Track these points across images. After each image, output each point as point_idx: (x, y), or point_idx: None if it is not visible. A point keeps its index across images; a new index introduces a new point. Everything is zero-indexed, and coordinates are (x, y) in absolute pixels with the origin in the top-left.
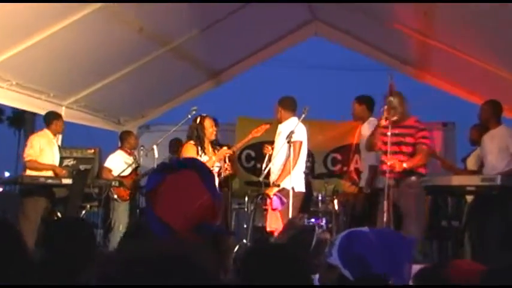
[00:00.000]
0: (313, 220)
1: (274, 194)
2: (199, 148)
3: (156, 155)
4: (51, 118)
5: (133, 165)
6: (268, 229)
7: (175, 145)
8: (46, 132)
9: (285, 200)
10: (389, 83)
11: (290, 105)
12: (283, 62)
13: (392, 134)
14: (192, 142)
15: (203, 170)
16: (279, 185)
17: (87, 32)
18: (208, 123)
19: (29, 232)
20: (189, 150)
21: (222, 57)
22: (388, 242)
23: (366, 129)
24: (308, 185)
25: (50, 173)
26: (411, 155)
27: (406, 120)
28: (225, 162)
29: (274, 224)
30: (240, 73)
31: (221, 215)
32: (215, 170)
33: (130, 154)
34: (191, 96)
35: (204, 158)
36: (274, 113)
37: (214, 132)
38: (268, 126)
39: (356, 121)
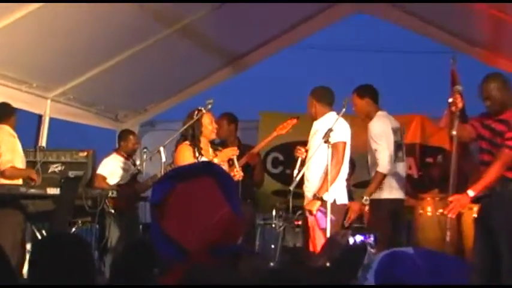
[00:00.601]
0: (358, 237)
1: (319, 210)
2: (196, 149)
3: (164, 159)
4: (8, 110)
5: (132, 171)
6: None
7: None
8: (7, 128)
9: (333, 216)
10: (452, 68)
11: (326, 97)
12: (316, 45)
13: (486, 127)
14: (187, 142)
15: (222, 176)
16: (321, 199)
17: (76, 7)
18: (207, 120)
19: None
20: (184, 153)
21: (241, 40)
22: (437, 267)
23: (377, 127)
24: (349, 194)
25: (20, 181)
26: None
27: (504, 113)
28: (230, 165)
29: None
30: (263, 59)
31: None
32: None
33: (127, 158)
34: (205, 87)
35: (203, 158)
36: (307, 108)
37: (215, 131)
38: (295, 121)
39: (363, 119)
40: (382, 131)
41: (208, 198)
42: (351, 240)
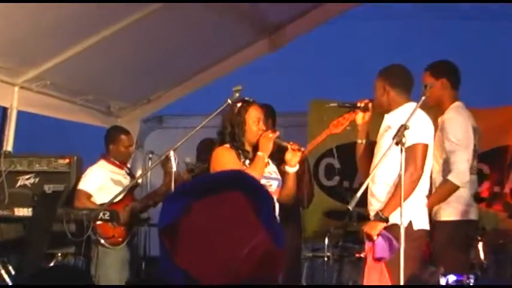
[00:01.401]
0: (452, 277)
1: (380, 234)
2: (241, 153)
3: (174, 167)
4: None
5: (127, 185)
6: None
7: (208, 149)
8: None
9: (396, 244)
10: None
11: (403, 81)
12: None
13: None
14: (227, 145)
15: (255, 191)
16: (387, 219)
17: None
18: (254, 114)
19: None
20: (225, 158)
21: (279, 6)
22: None
23: (457, 122)
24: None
25: None
26: None
27: None
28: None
29: (377, 283)
30: (309, 30)
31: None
32: (272, 187)
33: (120, 167)
34: (230, 69)
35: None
36: (374, 96)
37: (260, 132)
38: (355, 115)
39: (431, 107)
40: (463, 128)
41: (236, 220)
42: (442, 281)
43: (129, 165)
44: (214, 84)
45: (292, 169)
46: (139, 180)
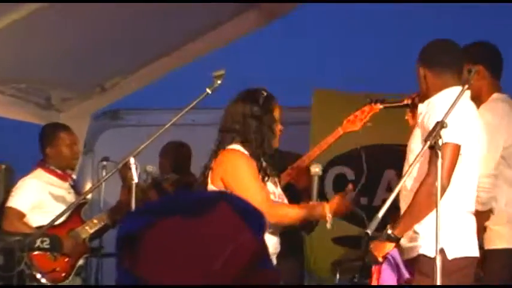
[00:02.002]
0: None
1: (386, 258)
2: (261, 166)
3: (136, 179)
4: None
5: (72, 201)
6: None
7: (176, 156)
8: None
9: (405, 274)
10: None
11: (443, 59)
12: None
13: None
14: (241, 149)
15: (246, 210)
16: (397, 239)
17: None
18: (278, 114)
19: None
20: (250, 171)
21: None
22: None
23: (494, 117)
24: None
25: None
26: None
27: None
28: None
29: None
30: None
31: None
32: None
33: (62, 177)
34: (209, 50)
35: (270, 188)
36: (417, 79)
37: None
38: (378, 109)
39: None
40: (500, 124)
41: (218, 223)
42: None
43: (74, 176)
44: (188, 69)
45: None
46: (89, 196)
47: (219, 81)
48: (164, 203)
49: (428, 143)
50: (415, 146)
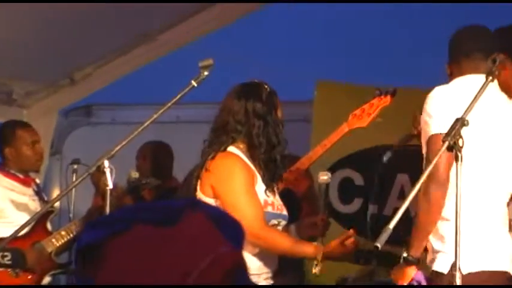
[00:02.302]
0: None
1: (411, 282)
2: (263, 171)
3: (110, 184)
4: None
5: (33, 207)
6: None
7: (157, 156)
8: None
9: None
10: None
11: (466, 45)
12: None
13: None
14: (240, 154)
15: (221, 217)
16: (417, 261)
17: None
18: (281, 112)
19: None
20: (237, 179)
21: None
22: None
23: None
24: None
25: None
26: None
27: None
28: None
29: None
30: None
31: None
32: (281, 226)
33: (26, 182)
34: (196, 35)
35: (270, 199)
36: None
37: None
38: (388, 100)
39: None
40: None
41: (195, 235)
42: None
43: (38, 181)
44: (171, 58)
45: None
46: (57, 204)
47: (206, 72)
48: (128, 211)
49: (447, 143)
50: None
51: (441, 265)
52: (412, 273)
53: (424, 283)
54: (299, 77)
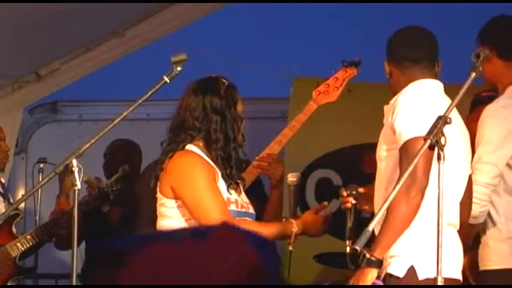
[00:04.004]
0: None
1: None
2: (222, 168)
3: (79, 184)
4: None
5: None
6: None
7: (125, 156)
8: None
9: None
10: None
11: (410, 49)
12: None
13: None
14: (198, 151)
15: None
16: (379, 263)
17: None
18: (241, 107)
19: None
20: (198, 177)
21: None
22: None
23: (487, 120)
24: None
25: None
26: None
27: None
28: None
29: None
30: None
31: None
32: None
33: None
34: (168, 30)
35: (233, 197)
36: (384, 74)
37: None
38: (354, 73)
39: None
40: (499, 127)
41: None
42: None
43: (3, 180)
44: (142, 53)
45: None
46: (22, 205)
47: (179, 68)
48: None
49: (429, 141)
50: (384, 152)
51: (397, 269)
52: (373, 277)
53: None
54: (277, 74)
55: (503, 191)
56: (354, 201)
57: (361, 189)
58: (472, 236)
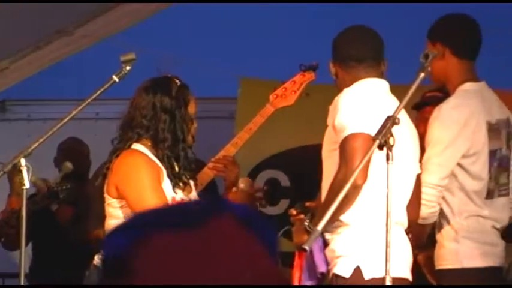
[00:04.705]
0: None
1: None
2: (168, 167)
3: (27, 184)
4: None
5: None
6: None
7: (73, 156)
8: None
9: (320, 266)
10: None
11: (356, 50)
12: None
13: None
14: (144, 150)
15: (250, 216)
16: (318, 232)
17: None
18: (193, 109)
19: None
20: (140, 175)
21: None
22: None
23: (438, 119)
24: None
25: None
26: None
27: None
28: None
29: None
30: None
31: None
32: None
33: None
34: (118, 28)
35: (178, 196)
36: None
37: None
38: (311, 77)
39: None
40: (448, 125)
41: (226, 249)
42: None
43: None
44: (91, 52)
45: None
46: None
47: (128, 67)
48: (142, 218)
49: (377, 141)
50: (327, 153)
51: (343, 269)
52: (312, 239)
53: (315, 251)
54: (225, 74)
55: (458, 190)
56: (304, 216)
57: (308, 204)
58: (425, 235)
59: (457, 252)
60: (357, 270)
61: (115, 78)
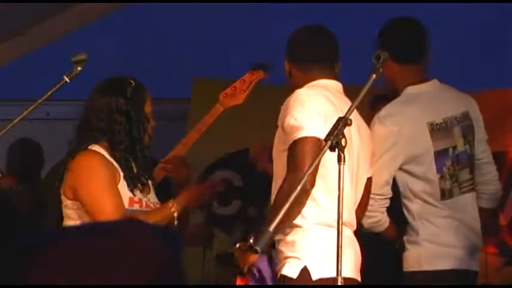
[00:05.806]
0: None
1: (250, 270)
2: (126, 169)
3: None
4: None
5: None
6: None
7: (24, 156)
8: None
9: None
10: None
11: (310, 51)
12: None
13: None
14: (101, 151)
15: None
16: (256, 251)
17: None
18: (150, 107)
19: None
20: (95, 175)
21: None
22: None
23: (374, 127)
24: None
25: None
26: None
27: None
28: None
29: None
30: None
31: None
32: None
33: None
34: (68, 29)
35: (137, 197)
36: (284, 73)
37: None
38: (260, 76)
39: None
40: (397, 138)
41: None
42: None
43: None
44: (42, 52)
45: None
46: None
47: (79, 68)
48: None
49: (329, 143)
50: (277, 154)
51: (290, 270)
52: (253, 259)
53: (265, 273)
54: (178, 74)
55: (412, 196)
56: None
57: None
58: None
59: (418, 255)
60: (304, 271)
61: (66, 78)
